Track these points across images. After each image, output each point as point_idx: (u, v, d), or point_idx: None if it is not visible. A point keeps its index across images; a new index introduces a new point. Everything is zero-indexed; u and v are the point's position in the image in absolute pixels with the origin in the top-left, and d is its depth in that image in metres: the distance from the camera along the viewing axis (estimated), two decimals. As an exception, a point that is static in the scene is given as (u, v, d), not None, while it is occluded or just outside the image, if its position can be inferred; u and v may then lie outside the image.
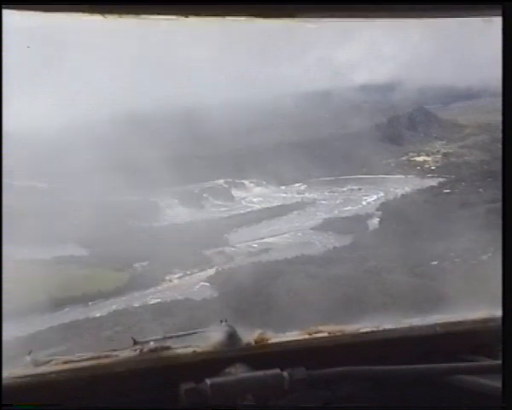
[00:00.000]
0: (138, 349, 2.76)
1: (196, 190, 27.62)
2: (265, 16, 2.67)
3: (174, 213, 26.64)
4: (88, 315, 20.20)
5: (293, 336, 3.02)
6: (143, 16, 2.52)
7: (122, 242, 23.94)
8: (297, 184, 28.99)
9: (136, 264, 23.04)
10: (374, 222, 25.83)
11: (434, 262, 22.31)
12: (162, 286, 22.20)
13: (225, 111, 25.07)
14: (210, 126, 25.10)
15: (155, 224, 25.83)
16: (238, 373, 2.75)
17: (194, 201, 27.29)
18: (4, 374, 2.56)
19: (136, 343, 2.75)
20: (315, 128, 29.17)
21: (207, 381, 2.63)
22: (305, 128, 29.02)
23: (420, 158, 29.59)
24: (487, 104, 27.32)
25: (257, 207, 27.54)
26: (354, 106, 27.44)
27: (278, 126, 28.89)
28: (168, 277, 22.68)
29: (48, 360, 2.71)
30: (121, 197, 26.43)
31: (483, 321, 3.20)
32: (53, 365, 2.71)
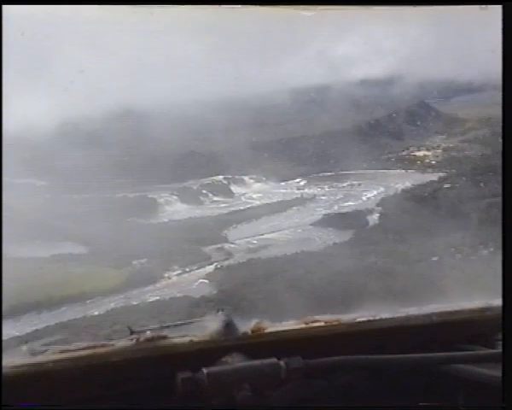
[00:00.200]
0: (135, 339, 2.51)
1: (195, 187, 27.50)
2: (261, 3, 2.84)
3: (173, 209, 26.58)
4: (86, 314, 19.99)
5: (289, 325, 2.83)
6: (140, 4, 2.91)
7: (120, 239, 23.84)
8: (297, 180, 28.88)
9: (134, 261, 22.86)
10: (374, 217, 25.69)
11: (435, 258, 21.99)
12: (161, 283, 22.07)
13: (222, 107, 25.28)
14: (208, 122, 25.33)
15: (154, 221, 25.85)
16: (235, 362, 2.59)
17: (193, 197, 27.23)
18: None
19: (132, 333, 2.51)
20: (314, 124, 29.22)
21: (204, 370, 2.49)
22: (304, 124, 29.18)
23: (420, 153, 29.52)
24: (488, 98, 27.12)
25: (256, 203, 27.49)
26: (354, 101, 27.48)
27: (277, 122, 29.01)
28: (167, 274, 22.56)
29: (44, 350, 2.50)
30: (120, 194, 26.40)
31: (480, 310, 3.00)
32: (50, 354, 2.51)
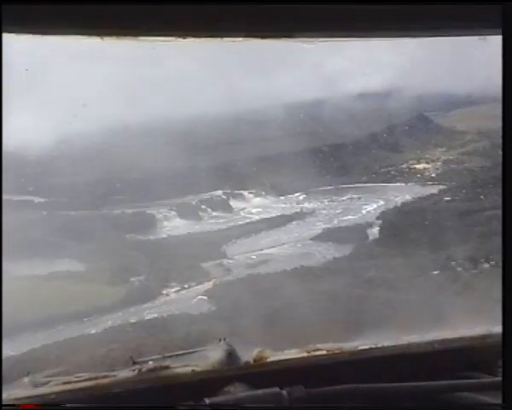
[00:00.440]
0: (137, 369, 2.80)
1: (194, 202, 27.12)
2: (263, 37, 2.71)
3: (172, 225, 26.24)
4: (83, 332, 19.54)
5: (291, 354, 3.10)
6: (141, 38, 2.57)
7: (119, 256, 23.50)
8: (296, 194, 28.46)
9: (132, 278, 22.55)
10: (374, 231, 25.31)
11: (435, 272, 21.65)
12: (159, 301, 21.69)
13: (219, 122, 25.11)
14: (205, 138, 25.14)
15: (152, 237, 25.51)
16: (237, 392, 2.79)
17: (191, 212, 26.88)
18: (3, 396, 2.58)
19: (134, 363, 2.78)
20: (313, 138, 28.96)
21: (206, 400, 2.70)
22: (303, 138, 28.88)
23: (420, 165, 29.08)
24: (487, 110, 26.65)
25: (256, 217, 27.16)
26: (352, 114, 27.06)
27: (277, 137, 28.73)
28: (165, 291, 22.15)
29: (47, 381, 2.75)
30: (118, 210, 26.05)
31: (481, 338, 3.26)
32: (52, 386, 2.75)
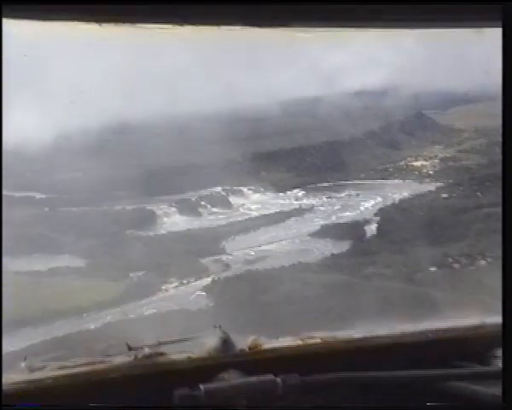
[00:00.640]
0: (133, 355, 2.72)
1: (194, 198, 26.95)
2: (260, 25, 2.67)
3: (171, 221, 26.10)
4: (82, 328, 19.42)
5: (286, 342, 3.07)
6: (139, 25, 2.57)
7: (119, 251, 23.37)
8: (295, 191, 28.30)
9: (132, 274, 22.37)
10: (372, 228, 25.17)
11: (433, 268, 21.54)
12: (158, 296, 21.52)
13: (218, 119, 24.94)
14: (204, 134, 24.92)
15: (152, 233, 25.37)
16: (232, 379, 2.77)
17: (191, 209, 26.69)
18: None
19: (130, 349, 2.70)
20: (312, 135, 28.79)
21: (201, 387, 2.66)
22: (302, 135, 28.72)
23: (418, 163, 29.03)
24: (484, 108, 26.75)
25: (254, 214, 27.03)
26: (351, 112, 26.87)
27: (275, 134, 28.56)
28: (164, 286, 21.99)
29: (43, 366, 2.70)
30: (118, 207, 25.88)
31: (474, 328, 3.27)
32: (48, 370, 2.69)
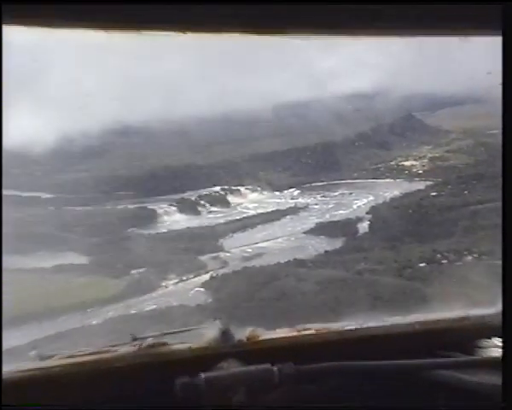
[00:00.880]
0: (137, 345, 2.86)
1: (193, 198, 26.98)
2: (259, 32, 2.76)
3: (172, 219, 26.13)
4: (84, 323, 19.48)
5: (282, 333, 3.19)
6: (144, 32, 2.61)
7: (121, 249, 23.56)
8: (290, 190, 28.25)
9: (133, 271, 22.50)
10: (364, 225, 25.19)
11: (422, 264, 21.48)
12: (158, 292, 21.65)
13: (216, 121, 25.08)
14: (203, 136, 25.08)
15: (153, 231, 25.44)
16: (231, 368, 2.88)
17: (191, 208, 26.74)
18: (11, 368, 2.67)
19: (135, 339, 2.83)
20: (306, 137, 28.85)
21: (202, 375, 2.76)
22: (296, 137, 28.77)
23: (408, 162, 28.87)
24: (470, 110, 26.62)
25: (252, 212, 27.02)
26: (343, 115, 26.89)
27: (270, 136, 28.61)
28: (164, 283, 22.11)
29: (52, 355, 2.82)
30: (121, 206, 26.05)
31: (459, 320, 3.40)
32: (57, 359, 2.82)
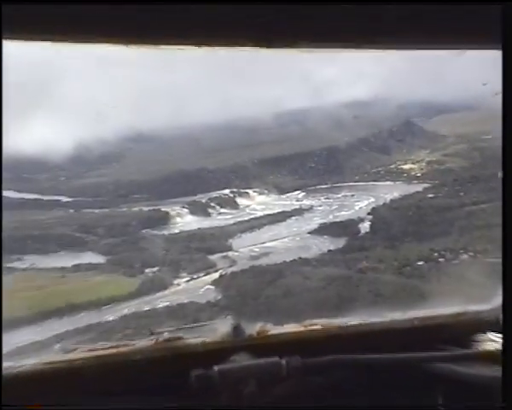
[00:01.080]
0: (154, 339, 3.00)
1: (204, 200, 27.27)
2: (270, 46, 2.80)
3: (184, 221, 26.40)
4: (101, 319, 19.93)
5: (290, 328, 3.28)
6: (162, 46, 2.65)
7: (136, 249, 23.89)
8: (296, 192, 28.41)
9: (147, 270, 22.81)
10: (365, 226, 25.29)
11: (420, 262, 21.69)
12: (170, 290, 21.96)
13: (225, 128, 25.28)
14: (212, 143, 25.38)
15: (166, 232, 25.69)
16: (242, 361, 3.00)
17: (201, 209, 27.04)
18: (36, 360, 2.80)
19: (151, 334, 2.98)
20: (310, 142, 28.93)
21: (215, 368, 2.88)
22: (301, 143, 28.88)
23: (406, 166, 28.80)
24: (464, 116, 26.64)
25: (259, 214, 27.17)
26: (345, 122, 27.01)
27: (276, 142, 28.79)
28: (176, 281, 22.40)
29: (75, 348, 2.96)
30: (136, 208, 26.32)
31: (456, 315, 3.47)
32: (79, 352, 2.95)
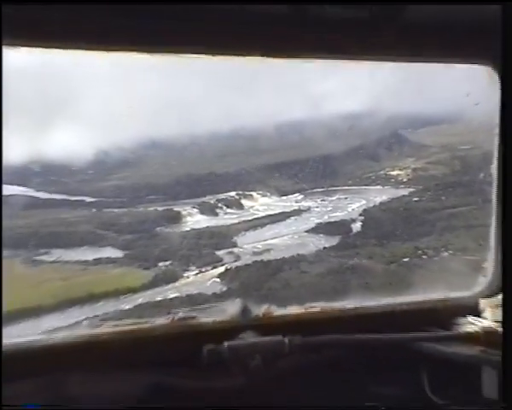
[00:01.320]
0: (170, 318, 3.26)
1: (212, 201, 27.64)
2: (276, 56, 2.87)
3: (194, 220, 26.35)
4: (117, 308, 19.98)
5: (292, 310, 3.51)
6: (180, 55, 2.66)
7: (150, 245, 23.76)
8: (295, 195, 28.64)
9: (160, 263, 22.77)
10: (357, 225, 25.35)
11: (406, 259, 22.33)
12: (180, 282, 21.84)
13: (225, 138, 25.34)
14: (219, 150, 25.47)
15: (178, 229, 25.83)
16: (249, 338, 3.23)
17: (210, 210, 27.41)
18: (66, 334, 2.98)
19: (168, 313, 3.22)
20: (307, 150, 28.61)
21: (225, 344, 3.10)
22: (299, 151, 28.85)
23: (394, 172, 28.05)
24: (447, 128, 26.42)
25: (261, 214, 27.35)
26: (338, 132, 27.29)
27: (276, 150, 28.88)
28: (186, 274, 22.40)
29: (101, 324, 3.26)
30: (151, 208, 26.29)
31: (441, 301, 3.71)
32: (105, 327, 3.26)
